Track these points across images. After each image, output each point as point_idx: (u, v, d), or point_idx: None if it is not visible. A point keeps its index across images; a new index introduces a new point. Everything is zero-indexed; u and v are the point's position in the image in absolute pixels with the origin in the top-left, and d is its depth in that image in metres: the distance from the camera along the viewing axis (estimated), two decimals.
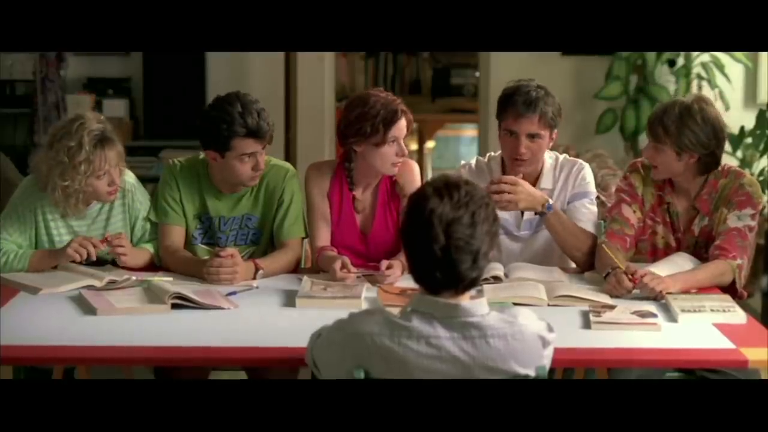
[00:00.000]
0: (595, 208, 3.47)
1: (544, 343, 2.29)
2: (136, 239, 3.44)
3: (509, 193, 3.26)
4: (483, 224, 2.22)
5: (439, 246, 2.19)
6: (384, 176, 3.45)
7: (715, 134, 3.19)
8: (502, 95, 3.41)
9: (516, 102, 3.33)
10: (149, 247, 3.43)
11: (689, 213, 3.32)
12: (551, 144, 3.44)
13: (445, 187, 2.23)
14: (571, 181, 3.46)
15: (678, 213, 3.32)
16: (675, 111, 3.20)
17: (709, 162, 3.23)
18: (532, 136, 3.35)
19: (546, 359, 2.31)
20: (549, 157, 3.48)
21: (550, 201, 3.34)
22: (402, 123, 3.34)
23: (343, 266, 3.19)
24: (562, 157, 3.51)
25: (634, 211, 3.34)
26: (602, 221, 3.47)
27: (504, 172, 3.46)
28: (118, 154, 3.30)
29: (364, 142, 3.33)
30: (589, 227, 3.40)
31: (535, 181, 3.43)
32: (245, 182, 3.35)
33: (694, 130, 3.17)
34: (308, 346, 2.42)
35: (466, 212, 2.21)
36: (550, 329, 2.33)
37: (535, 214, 3.38)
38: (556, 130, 3.40)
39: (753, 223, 3.22)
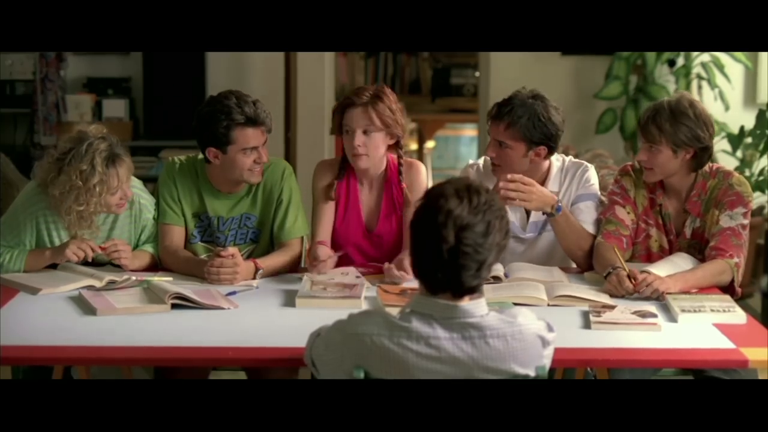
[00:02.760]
0: (597, 210, 3.46)
1: (544, 342, 2.29)
2: (141, 245, 3.44)
3: (522, 192, 3.27)
4: (495, 235, 2.21)
5: (447, 247, 2.18)
6: (390, 173, 3.46)
7: (707, 127, 3.22)
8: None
9: (494, 106, 3.39)
10: (149, 248, 3.42)
11: (681, 216, 3.32)
12: (530, 158, 3.36)
13: (466, 189, 2.22)
14: (576, 183, 3.46)
15: (670, 215, 3.33)
16: (666, 110, 3.22)
17: (703, 156, 3.25)
18: (499, 143, 3.37)
19: (546, 359, 2.31)
20: (556, 160, 3.48)
21: (560, 203, 3.34)
22: (352, 112, 3.33)
23: (317, 259, 3.24)
24: (568, 159, 3.52)
25: (628, 213, 3.35)
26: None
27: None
28: (128, 168, 3.28)
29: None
30: (591, 228, 3.41)
31: (542, 184, 3.43)
32: (247, 177, 3.34)
33: (688, 125, 3.19)
34: (307, 346, 2.42)
35: (482, 220, 2.19)
36: (550, 329, 2.33)
37: (544, 214, 3.38)
38: (540, 147, 3.35)
39: (746, 221, 3.24)
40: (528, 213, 3.47)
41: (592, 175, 3.50)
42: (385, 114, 3.33)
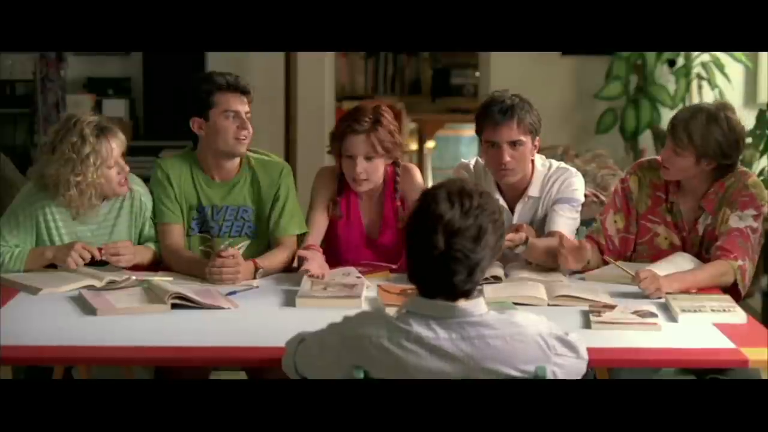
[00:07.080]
0: (574, 215, 3.41)
1: (547, 343, 2.27)
2: (142, 243, 3.44)
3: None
4: (488, 238, 2.19)
5: (437, 252, 2.17)
6: (388, 182, 3.48)
7: (737, 144, 3.19)
8: (477, 109, 3.41)
9: (492, 112, 3.31)
10: (152, 246, 3.43)
11: (695, 212, 3.31)
12: (535, 151, 3.40)
13: (458, 193, 2.20)
14: (556, 187, 3.42)
15: (681, 212, 3.31)
16: (702, 118, 3.17)
17: (726, 170, 3.23)
18: (513, 144, 3.32)
19: (557, 359, 2.27)
20: (541, 165, 3.44)
21: (526, 244, 3.26)
22: (353, 139, 3.37)
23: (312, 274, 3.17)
24: (556, 165, 3.47)
25: (615, 222, 3.35)
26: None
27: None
28: (121, 142, 3.33)
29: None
30: (559, 229, 3.35)
31: (523, 191, 3.42)
32: (233, 147, 3.35)
33: (719, 140, 3.15)
34: (287, 353, 2.41)
35: (474, 224, 2.18)
36: (565, 333, 2.32)
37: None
38: (538, 137, 3.37)
39: (756, 224, 3.21)
40: (512, 211, 3.44)
41: (577, 181, 3.44)
42: (386, 140, 3.37)
